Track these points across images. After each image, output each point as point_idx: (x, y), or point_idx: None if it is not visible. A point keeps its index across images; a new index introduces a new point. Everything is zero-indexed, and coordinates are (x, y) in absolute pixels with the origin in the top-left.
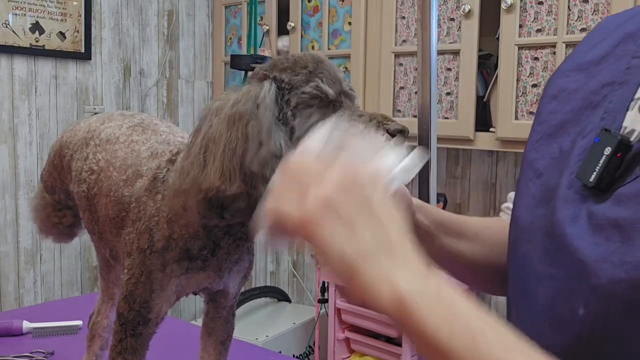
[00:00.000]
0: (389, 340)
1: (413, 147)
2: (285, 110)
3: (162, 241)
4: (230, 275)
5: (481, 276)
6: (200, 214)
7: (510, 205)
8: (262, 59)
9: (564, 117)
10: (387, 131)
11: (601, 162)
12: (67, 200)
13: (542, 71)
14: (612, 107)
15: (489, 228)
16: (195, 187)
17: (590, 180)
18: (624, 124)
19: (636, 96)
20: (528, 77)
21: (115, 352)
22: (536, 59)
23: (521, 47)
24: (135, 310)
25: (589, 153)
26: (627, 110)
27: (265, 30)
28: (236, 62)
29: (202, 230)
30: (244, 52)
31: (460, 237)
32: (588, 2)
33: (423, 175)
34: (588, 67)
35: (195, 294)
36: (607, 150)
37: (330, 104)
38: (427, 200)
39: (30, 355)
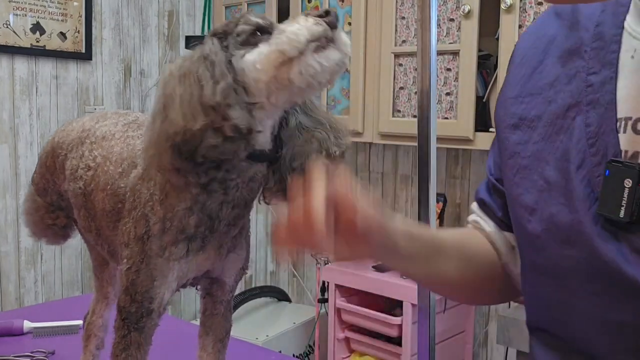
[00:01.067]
0: (389, 340)
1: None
2: (229, 53)
3: (157, 224)
4: (228, 260)
5: (472, 291)
6: (173, 165)
7: (477, 218)
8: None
9: (536, 147)
10: (314, 16)
11: (625, 195)
12: (59, 201)
13: None
14: (596, 130)
15: (469, 244)
16: (162, 136)
17: (621, 215)
18: (622, 147)
19: (619, 116)
20: None
21: (118, 349)
22: None
23: None
24: (137, 301)
25: (605, 187)
26: (617, 132)
27: None
28: (190, 44)
29: (193, 203)
30: None
31: (444, 257)
32: None
33: (423, 175)
34: (542, 92)
35: (192, 285)
36: (628, 183)
37: (265, 32)
38: (427, 200)
39: (31, 355)
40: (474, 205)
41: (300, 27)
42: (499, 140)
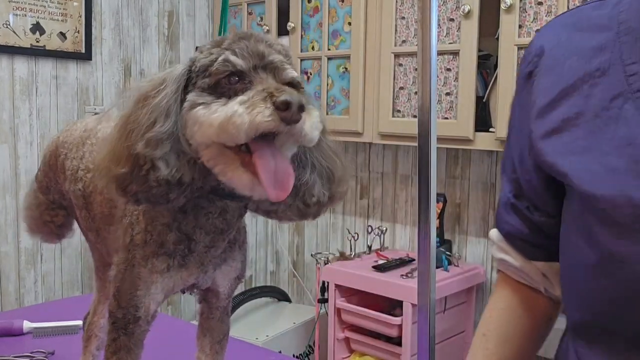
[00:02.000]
0: (389, 340)
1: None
2: (184, 98)
3: (140, 234)
4: (218, 272)
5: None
6: (115, 190)
7: (503, 256)
8: None
9: (586, 143)
10: (274, 103)
11: None
12: (61, 200)
13: None
14: None
15: (508, 329)
16: (97, 166)
17: None
18: None
19: None
20: None
21: (109, 352)
22: None
23: (521, 48)
24: (123, 308)
25: None
26: None
27: (265, 30)
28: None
29: (171, 221)
30: None
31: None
32: (587, 2)
33: (423, 175)
34: (576, 89)
35: (183, 292)
36: None
37: (241, 77)
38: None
39: (31, 355)
40: (496, 236)
41: (246, 116)
42: (534, 153)
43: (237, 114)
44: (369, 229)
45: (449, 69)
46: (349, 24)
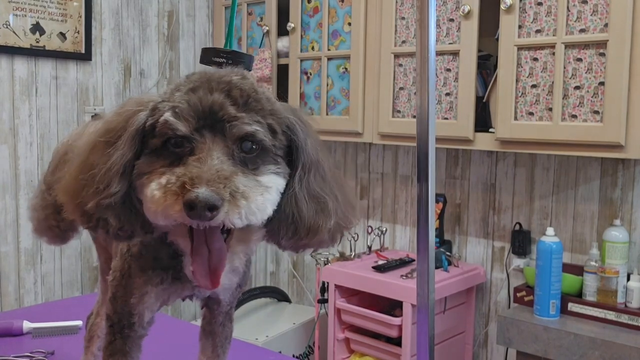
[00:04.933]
0: (389, 340)
1: None
2: (145, 148)
3: (136, 245)
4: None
5: None
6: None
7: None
8: (228, 53)
9: None
10: (188, 201)
11: None
12: None
13: (542, 72)
14: None
15: None
16: (61, 197)
17: None
18: None
19: None
20: (527, 77)
21: (106, 355)
22: (535, 59)
23: (520, 48)
24: (118, 312)
25: None
26: None
27: (265, 31)
28: (202, 57)
29: (165, 236)
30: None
31: None
32: (587, 2)
33: (423, 175)
34: None
35: (183, 300)
36: None
37: (182, 142)
38: (427, 201)
39: (31, 355)
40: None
41: (160, 205)
42: None
43: (153, 199)
44: (369, 230)
45: (448, 69)
46: (349, 24)
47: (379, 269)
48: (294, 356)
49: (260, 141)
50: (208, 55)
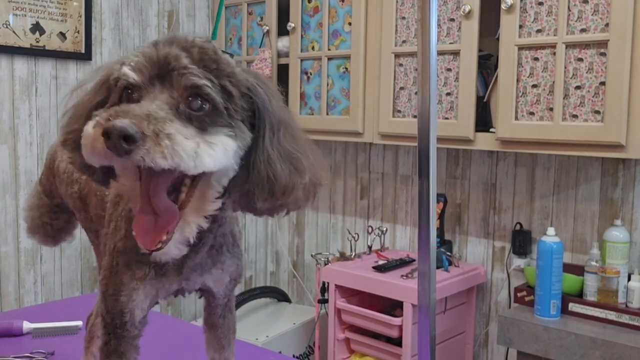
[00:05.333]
0: (389, 340)
1: None
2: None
3: (122, 241)
4: (207, 277)
5: None
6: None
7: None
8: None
9: None
10: (104, 130)
11: None
12: (65, 204)
13: (542, 71)
14: None
15: None
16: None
17: None
18: None
19: None
20: (528, 77)
21: (102, 356)
22: (536, 59)
23: (521, 48)
24: (110, 312)
25: None
26: None
27: (265, 30)
28: None
29: None
30: (243, 53)
31: None
32: (588, 2)
33: (423, 175)
34: None
35: (175, 296)
36: None
37: (134, 91)
38: (427, 201)
39: (31, 355)
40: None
41: (88, 140)
42: None
43: (85, 134)
44: (369, 229)
45: (449, 69)
46: (349, 24)
47: (379, 269)
48: (294, 356)
49: (210, 99)
50: None
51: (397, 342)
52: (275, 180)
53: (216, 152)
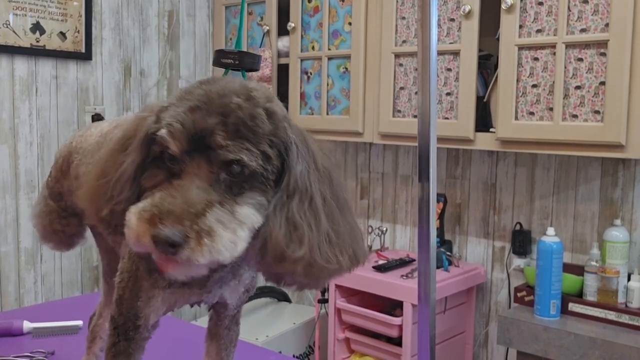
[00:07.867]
0: (389, 340)
1: None
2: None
3: None
4: (225, 288)
5: None
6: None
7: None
8: (235, 54)
9: None
10: (152, 236)
11: None
12: (74, 207)
13: (542, 71)
14: None
15: None
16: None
17: None
18: None
19: None
20: (528, 77)
21: (109, 356)
22: (536, 59)
23: (521, 48)
24: (124, 315)
25: None
26: None
27: (265, 30)
28: (214, 59)
29: None
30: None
31: None
32: (588, 2)
33: (423, 175)
34: None
35: (191, 306)
36: None
37: (174, 159)
38: (427, 201)
39: (31, 355)
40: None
41: (133, 232)
42: None
43: (129, 224)
44: (370, 229)
45: (449, 69)
46: (350, 23)
47: (379, 268)
48: (294, 356)
49: (248, 166)
50: (218, 57)
51: (397, 342)
52: (270, 243)
53: (245, 233)
